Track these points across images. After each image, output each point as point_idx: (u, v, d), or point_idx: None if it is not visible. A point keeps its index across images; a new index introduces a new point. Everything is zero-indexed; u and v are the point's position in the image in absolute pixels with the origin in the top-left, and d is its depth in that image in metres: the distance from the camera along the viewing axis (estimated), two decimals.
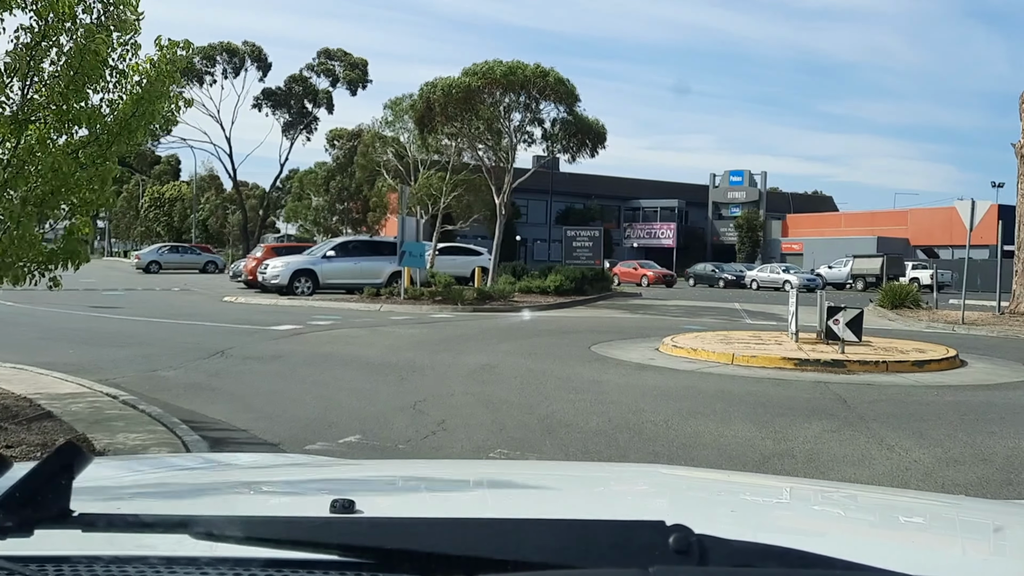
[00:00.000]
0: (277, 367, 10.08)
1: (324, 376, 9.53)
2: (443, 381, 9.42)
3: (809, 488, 2.28)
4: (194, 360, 10.46)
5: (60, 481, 0.90)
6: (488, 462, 5.00)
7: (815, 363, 11.02)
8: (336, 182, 31.65)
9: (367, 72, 51.06)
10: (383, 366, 10.43)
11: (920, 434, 7.24)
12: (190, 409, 7.39)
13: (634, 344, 13.62)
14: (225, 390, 8.52)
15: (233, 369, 9.86)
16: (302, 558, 0.92)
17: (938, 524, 1.65)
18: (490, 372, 10.18)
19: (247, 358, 10.76)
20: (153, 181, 74.22)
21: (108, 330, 13.72)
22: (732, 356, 11.50)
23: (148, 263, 45.42)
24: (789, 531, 1.51)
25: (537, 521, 0.99)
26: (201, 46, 48.17)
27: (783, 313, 23.51)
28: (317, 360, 10.77)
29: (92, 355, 10.66)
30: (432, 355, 11.61)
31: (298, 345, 12.44)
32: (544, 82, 22.80)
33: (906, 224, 58.35)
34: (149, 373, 9.42)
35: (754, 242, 61.48)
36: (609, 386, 9.39)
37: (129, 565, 0.94)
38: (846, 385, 9.87)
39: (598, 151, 24.83)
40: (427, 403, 8.06)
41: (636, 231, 64.47)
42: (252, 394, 8.32)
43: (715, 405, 8.37)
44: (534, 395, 8.68)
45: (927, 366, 11.28)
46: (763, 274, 46.06)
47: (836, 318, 11.78)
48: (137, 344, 11.88)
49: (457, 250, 32.87)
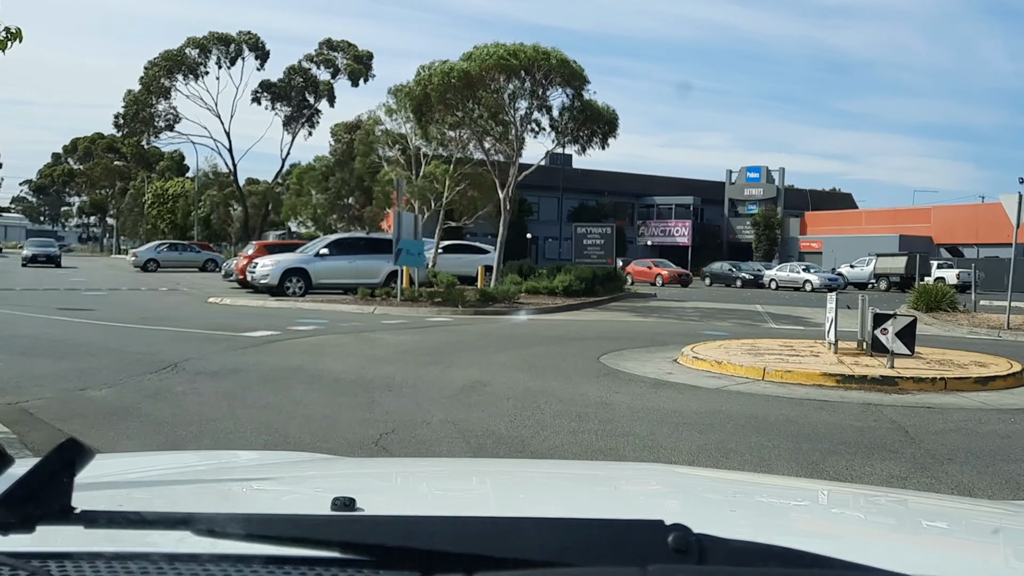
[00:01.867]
0: (229, 386, 8.57)
1: (280, 398, 8.01)
2: (421, 404, 7.89)
3: (812, 488, 2.17)
4: (137, 376, 8.98)
5: (62, 478, 0.91)
6: (489, 460, 4.74)
7: (861, 380, 9.43)
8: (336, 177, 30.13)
9: (371, 65, 49.56)
10: (355, 384, 8.91)
11: (1016, 482, 5.68)
12: (97, 445, 5.89)
13: (649, 354, 12.07)
14: (154, 416, 7.02)
15: (177, 388, 8.36)
16: (303, 555, 0.91)
17: (943, 525, 1.61)
18: (480, 391, 8.65)
19: (199, 373, 9.26)
20: (158, 177, 73.00)
21: (57, 337, 12.26)
22: (763, 371, 9.92)
23: (146, 261, 44.10)
24: (790, 531, 1.50)
25: (536, 519, 0.96)
26: (195, 37, 46.79)
27: (809, 316, 21.89)
28: (280, 376, 9.26)
29: (18, 369, 9.19)
30: (417, 368, 10.09)
31: (266, 356, 10.93)
32: (547, 64, 21.15)
33: (929, 222, 56.48)
34: (75, 393, 7.93)
35: (771, 240, 59.68)
36: (619, 410, 7.85)
37: (131, 562, 0.94)
38: (902, 409, 8.28)
39: (609, 141, 23.14)
40: (395, 436, 6.55)
41: (650, 229, 62.76)
42: (185, 423, 6.82)
43: (749, 438, 6.82)
44: (528, 424, 7.15)
45: (991, 383, 9.67)
46: (782, 273, 44.39)
47: (885, 327, 10.15)
48: (80, 355, 10.41)
49: (462, 248, 31.35)
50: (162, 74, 46.35)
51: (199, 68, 46.91)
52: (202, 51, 46.70)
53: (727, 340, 13.56)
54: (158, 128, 48.69)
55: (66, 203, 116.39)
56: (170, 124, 48.52)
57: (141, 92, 46.80)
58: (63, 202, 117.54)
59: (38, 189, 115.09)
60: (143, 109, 47.05)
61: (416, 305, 19.70)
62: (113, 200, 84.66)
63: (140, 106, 46.96)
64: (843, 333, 11.85)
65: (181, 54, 46.71)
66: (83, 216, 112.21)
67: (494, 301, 20.73)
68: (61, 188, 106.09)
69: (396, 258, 20.48)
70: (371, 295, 20.78)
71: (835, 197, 72.54)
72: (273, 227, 57.25)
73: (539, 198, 57.74)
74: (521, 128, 23.24)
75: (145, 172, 74.68)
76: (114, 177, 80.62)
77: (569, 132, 23.10)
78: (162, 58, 46.66)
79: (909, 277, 39.75)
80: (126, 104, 47.54)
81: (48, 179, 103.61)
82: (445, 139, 25.81)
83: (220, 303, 20.73)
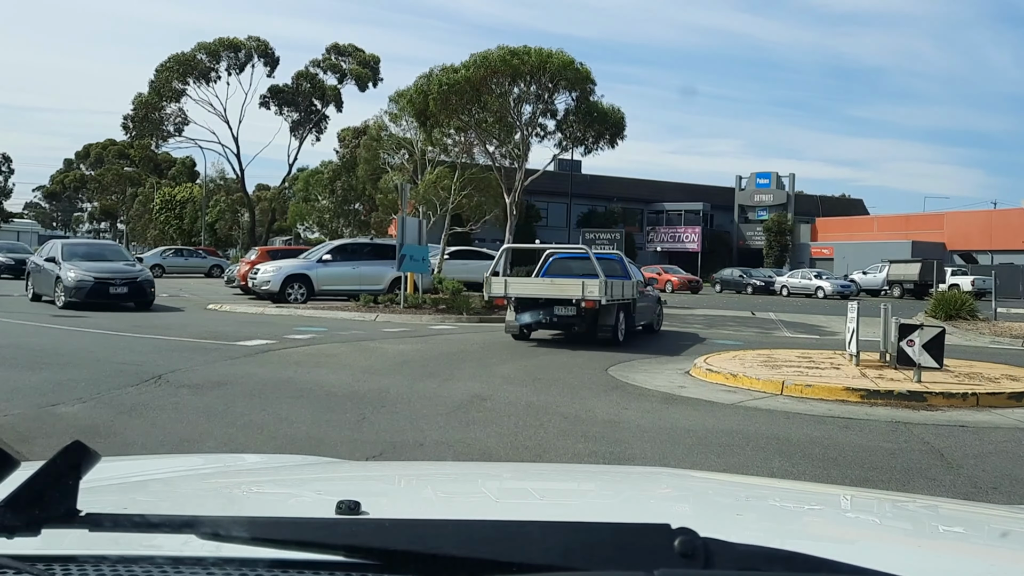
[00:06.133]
0: (212, 400, 8.04)
1: (263, 415, 7.47)
2: (416, 422, 7.34)
3: (823, 492, 2.10)
4: (117, 388, 8.45)
5: (67, 481, 0.90)
6: (494, 464, 4.64)
7: (887, 395, 8.83)
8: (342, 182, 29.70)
9: (379, 70, 49.10)
10: (347, 398, 8.36)
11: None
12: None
13: (659, 365, 11.50)
14: (124, 437, 6.49)
15: (156, 403, 7.83)
16: (308, 559, 0.91)
17: (960, 530, 1.56)
18: (479, 407, 8.09)
19: (183, 386, 8.74)
20: (168, 182, 72.72)
21: (43, 346, 11.76)
22: (782, 384, 9.33)
23: (151, 267, 43.58)
24: (798, 535, 1.46)
25: (542, 523, 0.95)
26: (205, 42, 46.42)
27: (823, 324, 21.26)
28: (268, 389, 8.72)
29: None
30: (414, 381, 9.54)
31: (257, 367, 10.40)
32: (552, 66, 20.57)
33: (942, 228, 55.68)
34: (45, 409, 7.41)
35: (782, 246, 58.96)
36: (629, 429, 7.28)
37: (136, 565, 0.93)
38: (934, 428, 7.69)
39: (617, 143, 22.54)
40: (384, 459, 6.00)
41: (659, 235, 62.11)
42: (156, 443, 6.28)
43: (771, 462, 6.24)
44: (530, 445, 6.59)
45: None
46: (794, 280, 43.72)
47: (911, 338, 9.54)
48: (62, 365, 9.90)
49: (469, 254, 30.80)
50: (173, 77, 45.98)
51: (210, 73, 46.52)
52: (212, 56, 46.30)
53: (741, 351, 12.97)
54: (166, 132, 48.32)
55: (79, 209, 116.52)
56: (178, 128, 48.16)
57: (151, 95, 46.44)
58: (75, 208, 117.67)
59: (51, 195, 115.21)
60: (152, 112, 46.69)
61: (419, 312, 19.16)
62: (124, 206, 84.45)
63: (149, 109, 46.60)
64: (864, 343, 11.24)
65: (191, 58, 46.33)
66: (94, 222, 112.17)
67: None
68: (73, 194, 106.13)
69: (399, 264, 19.98)
70: (373, 302, 20.25)
71: (846, 203, 71.68)
72: (281, 233, 56.87)
73: (548, 204, 57.21)
74: (527, 132, 22.70)
75: (155, 178, 74.40)
76: (125, 183, 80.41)
77: (575, 134, 22.52)
78: (173, 61, 46.32)
79: (923, 284, 39.02)
80: (135, 106, 47.20)
81: (60, 185, 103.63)
82: (449, 144, 25.30)
83: (219, 310, 20.23)
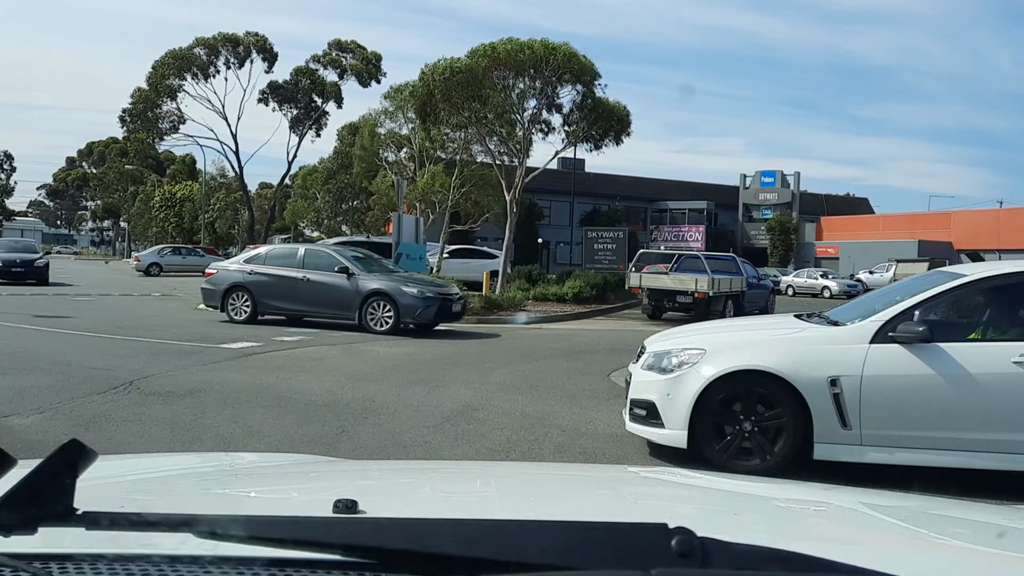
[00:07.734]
0: (181, 410, 7.43)
1: (233, 427, 6.86)
2: (399, 436, 6.73)
3: (823, 494, 2.02)
4: (80, 397, 7.85)
5: (64, 479, 0.90)
6: (492, 464, 4.59)
7: None
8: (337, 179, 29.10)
9: (380, 67, 48.43)
10: (327, 408, 7.75)
11: None
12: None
13: None
14: None
15: (119, 414, 7.22)
16: (305, 558, 0.91)
17: (954, 530, 1.55)
18: (470, 419, 7.48)
19: (153, 394, 8.13)
20: (169, 180, 72.18)
21: (13, 350, 11.15)
22: None
23: (148, 265, 43.07)
24: (796, 536, 1.46)
25: (540, 522, 0.94)
26: (203, 37, 45.78)
27: None
28: (243, 398, 8.11)
29: None
30: (401, 389, 8.93)
31: (236, 372, 9.79)
32: (556, 59, 19.96)
33: (948, 227, 54.96)
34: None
35: (787, 245, 58.29)
36: (633, 444, 6.66)
37: (132, 563, 0.93)
38: None
39: (623, 139, 21.92)
40: None
41: (663, 233, 61.42)
42: None
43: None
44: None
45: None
46: (799, 279, 43.13)
47: None
48: (29, 371, 9.30)
49: (469, 253, 30.19)
50: (171, 72, 45.36)
51: (208, 68, 45.88)
52: (210, 51, 45.68)
53: None
54: (163, 129, 47.75)
55: (82, 207, 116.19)
56: (175, 125, 47.57)
57: (149, 91, 45.85)
58: (79, 206, 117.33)
59: (54, 193, 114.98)
60: (150, 108, 46.09)
61: None
62: (126, 204, 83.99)
63: (147, 104, 46.00)
64: None
65: (189, 53, 45.73)
66: (97, 220, 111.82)
67: (499, 308, 19.56)
68: (76, 192, 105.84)
69: (395, 262, 19.36)
70: None
71: (851, 202, 70.94)
72: (280, 231, 56.27)
73: (551, 202, 56.57)
74: (529, 128, 22.09)
75: (156, 176, 73.86)
76: (127, 181, 79.94)
77: (580, 130, 21.91)
78: (170, 56, 45.72)
79: None
80: (133, 101, 46.60)
81: (63, 183, 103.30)
82: (448, 139, 24.70)
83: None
